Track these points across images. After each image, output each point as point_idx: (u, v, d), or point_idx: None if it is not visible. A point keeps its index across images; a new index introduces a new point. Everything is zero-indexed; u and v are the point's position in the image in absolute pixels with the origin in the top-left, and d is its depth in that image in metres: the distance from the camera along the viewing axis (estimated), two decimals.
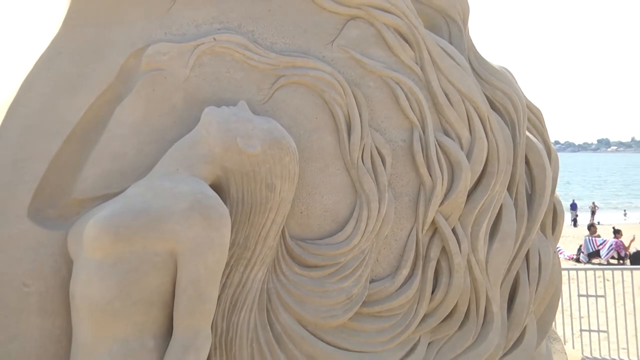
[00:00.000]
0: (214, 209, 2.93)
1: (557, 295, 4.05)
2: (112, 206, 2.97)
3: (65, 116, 3.18)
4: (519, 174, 3.88)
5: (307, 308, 3.38)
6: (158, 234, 2.86)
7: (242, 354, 3.19)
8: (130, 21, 3.32)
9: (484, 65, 3.94)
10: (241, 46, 3.39)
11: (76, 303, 2.94)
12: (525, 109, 3.95)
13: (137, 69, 3.29)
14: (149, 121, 3.25)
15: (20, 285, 3.04)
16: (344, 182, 3.53)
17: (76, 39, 3.27)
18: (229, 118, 3.18)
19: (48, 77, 3.21)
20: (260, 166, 3.16)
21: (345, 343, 3.45)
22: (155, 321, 2.90)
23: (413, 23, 3.68)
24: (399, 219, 3.63)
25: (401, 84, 3.63)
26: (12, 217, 3.05)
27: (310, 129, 3.49)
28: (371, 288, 3.54)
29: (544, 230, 4.03)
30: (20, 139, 3.12)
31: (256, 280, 3.21)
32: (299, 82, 3.47)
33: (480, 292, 3.71)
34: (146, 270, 2.85)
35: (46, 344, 3.06)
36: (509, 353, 3.79)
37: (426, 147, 3.64)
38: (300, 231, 3.45)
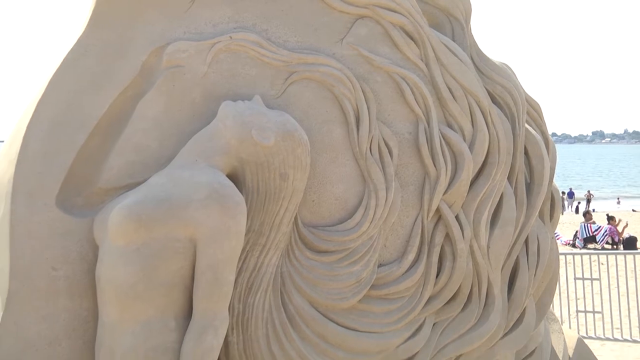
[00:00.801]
0: (230, 197, 2.94)
1: (554, 279, 4.04)
2: (135, 195, 2.99)
3: (90, 111, 3.18)
4: (519, 164, 3.87)
5: (319, 291, 3.38)
6: (178, 221, 2.87)
7: (258, 334, 3.19)
8: (151, 21, 3.32)
9: (485, 61, 3.92)
10: (255, 44, 3.38)
11: (102, 286, 2.96)
12: (524, 103, 3.94)
13: (158, 66, 3.29)
14: (169, 115, 3.25)
15: (50, 270, 3.05)
16: (353, 172, 3.52)
17: (100, 39, 3.27)
18: (245, 112, 3.18)
19: (74, 74, 3.21)
20: (274, 157, 3.15)
21: (355, 324, 3.46)
22: (176, 303, 2.92)
23: (418, 22, 3.66)
24: (405, 207, 3.62)
25: (407, 79, 3.62)
26: (42, 206, 3.06)
27: (321, 121, 3.48)
28: (379, 272, 3.54)
29: (542, 217, 4.02)
30: (49, 132, 3.12)
31: (270, 265, 3.21)
32: (310, 77, 3.46)
33: (482, 275, 3.70)
34: (167, 255, 2.87)
35: (74, 324, 3.08)
36: (509, 333, 3.78)
37: (431, 139, 3.63)
38: (312, 218, 3.44)
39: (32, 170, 3.08)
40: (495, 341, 3.74)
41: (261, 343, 3.21)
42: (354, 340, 3.43)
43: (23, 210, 3.04)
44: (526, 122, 3.97)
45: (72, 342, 3.07)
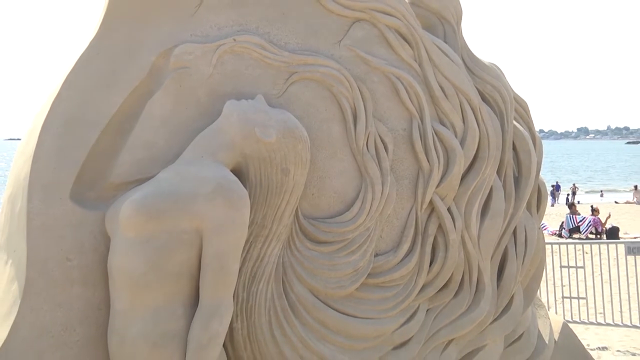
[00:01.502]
0: (234, 191, 2.93)
1: (541, 267, 4.04)
2: (145, 189, 2.98)
3: (102, 109, 3.17)
4: (507, 159, 3.86)
5: (318, 279, 3.37)
6: (185, 214, 2.87)
7: (261, 321, 3.19)
8: (159, 25, 3.30)
9: (476, 61, 3.91)
10: (258, 46, 3.36)
11: (113, 275, 2.95)
12: (512, 101, 3.93)
13: (166, 67, 3.27)
14: (176, 113, 3.24)
15: (64, 260, 3.05)
16: (351, 167, 3.51)
17: (112, 41, 3.25)
18: (248, 110, 3.17)
19: (87, 74, 3.20)
20: (275, 153, 3.14)
21: (353, 310, 3.45)
22: (183, 291, 2.91)
23: (412, 24, 3.65)
24: (400, 200, 3.61)
25: (401, 78, 3.60)
26: (57, 199, 3.05)
27: (320, 119, 3.46)
28: (375, 261, 3.53)
29: (529, 209, 4.02)
30: (63, 129, 3.11)
31: (273, 255, 3.20)
32: (310, 77, 3.45)
33: (473, 264, 3.70)
34: (175, 246, 2.86)
35: (87, 311, 3.07)
36: (499, 318, 3.78)
37: (424, 135, 3.62)
38: (312, 211, 3.43)
39: (48, 166, 3.07)
40: (485, 326, 3.74)
41: (264, 329, 3.20)
42: (353, 326, 3.43)
43: (39, 203, 3.03)
44: (514, 119, 3.96)
45: (85, 328, 3.06)
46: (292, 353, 3.27)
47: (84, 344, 3.05)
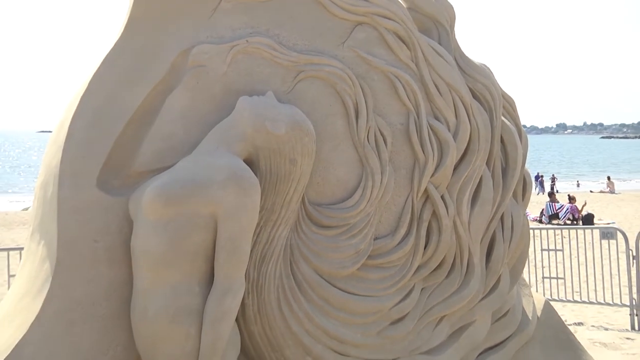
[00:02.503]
0: (246, 179, 2.92)
1: (526, 250, 4.01)
2: (164, 177, 2.97)
3: (126, 104, 3.16)
4: (496, 151, 3.82)
5: (323, 260, 3.35)
6: (201, 199, 2.86)
7: (270, 298, 3.17)
8: (178, 27, 3.28)
9: (467, 62, 3.86)
10: (269, 47, 3.34)
11: (136, 255, 2.96)
12: (500, 98, 3.89)
13: (184, 66, 3.25)
14: (194, 108, 3.22)
15: (92, 241, 3.04)
16: (353, 157, 3.48)
17: (135, 42, 3.23)
18: (259, 105, 3.15)
19: (113, 72, 3.19)
20: (284, 144, 3.12)
21: (354, 289, 3.43)
22: (199, 270, 2.91)
23: (409, 27, 3.61)
24: (397, 188, 3.58)
25: (399, 77, 3.57)
26: (85, 186, 3.05)
27: (325, 114, 3.43)
28: (375, 244, 3.50)
29: (515, 197, 3.98)
30: (91, 121, 3.11)
31: (281, 238, 3.18)
32: (315, 76, 3.42)
33: (464, 247, 3.67)
34: (192, 229, 2.86)
35: (113, 287, 3.07)
36: (487, 297, 3.76)
37: (420, 129, 3.59)
38: (317, 197, 3.40)
39: (77, 155, 3.07)
40: (474, 303, 3.71)
41: (273, 305, 3.19)
42: (354, 303, 3.41)
43: (68, 190, 3.03)
44: (502, 114, 3.92)
45: (111, 302, 3.06)
46: (298, 327, 3.25)
47: (109, 317, 3.05)
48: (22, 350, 2.89)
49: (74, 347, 2.97)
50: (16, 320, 3.06)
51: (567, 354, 4.02)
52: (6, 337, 2.99)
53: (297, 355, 3.26)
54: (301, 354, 3.27)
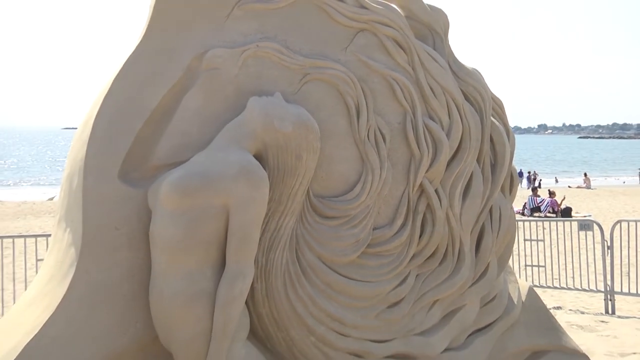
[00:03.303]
0: (256, 173, 2.92)
1: (512, 240, 3.99)
2: (181, 171, 2.96)
3: (146, 103, 3.15)
4: (485, 149, 3.79)
5: (326, 248, 3.34)
6: (214, 192, 2.86)
7: (277, 282, 3.16)
8: (193, 33, 3.26)
9: (460, 66, 3.83)
10: (277, 51, 3.31)
11: (154, 242, 2.96)
12: (490, 100, 3.87)
13: (199, 68, 3.23)
14: (207, 107, 3.20)
15: (113, 229, 3.04)
16: (354, 154, 3.45)
17: (154, 46, 3.22)
18: (268, 105, 3.13)
19: (133, 73, 3.17)
20: (291, 141, 3.10)
21: (354, 275, 3.41)
22: (212, 257, 2.91)
23: (407, 34, 3.59)
24: (395, 182, 3.55)
25: (397, 80, 3.54)
26: (107, 178, 3.04)
27: (329, 113, 3.41)
28: (374, 234, 3.48)
29: (503, 191, 3.96)
30: (113, 119, 3.10)
31: (288, 227, 3.17)
32: (320, 78, 3.39)
33: (456, 237, 3.65)
34: (205, 219, 2.85)
35: (133, 271, 3.07)
36: (476, 283, 3.74)
37: (416, 128, 3.56)
38: (321, 191, 3.38)
39: (100, 150, 3.06)
40: (465, 289, 3.69)
41: (280, 289, 3.18)
42: (354, 288, 3.39)
43: (92, 182, 3.03)
44: (492, 115, 3.89)
45: (131, 285, 3.06)
46: (303, 310, 3.25)
47: (129, 299, 3.05)
48: (49, 330, 2.89)
49: (96, 327, 2.97)
50: (43, 302, 3.06)
51: (548, 336, 4.01)
52: (34, 318, 2.99)
53: (301, 335, 3.25)
54: (305, 334, 3.26)
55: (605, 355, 5.98)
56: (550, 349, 3.95)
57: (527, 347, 3.90)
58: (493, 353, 3.75)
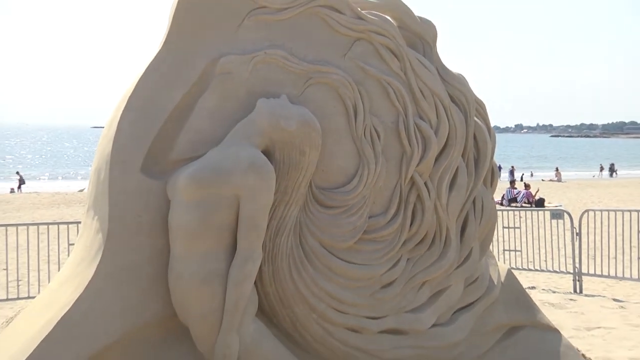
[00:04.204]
0: (264, 167, 2.91)
1: (493, 227, 3.95)
2: (196, 165, 2.95)
3: (165, 103, 3.12)
4: (469, 145, 3.76)
5: (326, 234, 3.31)
6: (226, 184, 2.84)
7: (283, 265, 3.15)
8: (208, 41, 3.22)
9: (447, 72, 3.78)
10: (283, 57, 3.28)
11: (172, 229, 2.95)
12: (474, 102, 3.82)
13: (213, 73, 3.20)
14: (221, 108, 3.18)
15: (136, 216, 3.02)
16: (352, 150, 3.42)
17: (173, 53, 3.19)
18: (275, 106, 3.11)
19: (154, 77, 3.14)
20: (295, 139, 3.08)
21: (352, 258, 3.39)
22: (224, 242, 2.90)
23: (399, 43, 3.54)
24: (388, 175, 3.52)
25: (391, 84, 3.50)
26: (131, 172, 3.02)
27: (329, 113, 3.37)
28: (369, 222, 3.45)
29: (485, 184, 3.91)
30: (136, 118, 3.07)
31: (292, 216, 3.15)
32: (322, 82, 3.36)
33: (443, 225, 3.62)
34: (218, 208, 2.85)
35: (153, 255, 3.04)
36: (461, 266, 3.71)
37: (407, 127, 3.53)
38: (322, 183, 3.35)
39: (124, 146, 3.04)
40: (450, 271, 3.67)
41: (285, 271, 3.16)
42: (351, 270, 3.37)
43: (118, 174, 3.01)
44: (475, 115, 3.85)
45: (152, 267, 3.04)
46: (305, 289, 3.23)
47: (151, 279, 3.04)
48: (80, 306, 2.89)
49: (121, 304, 2.97)
50: (75, 281, 3.06)
51: (524, 312, 3.99)
52: (67, 295, 3.00)
53: (304, 312, 3.24)
54: (307, 311, 3.25)
55: (574, 329, 5.99)
56: (525, 324, 3.94)
57: (506, 323, 3.89)
58: (475, 328, 3.74)
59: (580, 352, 4.17)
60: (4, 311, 6.73)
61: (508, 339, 3.85)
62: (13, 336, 3.19)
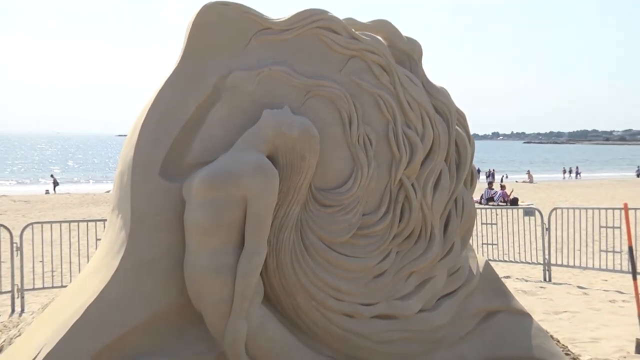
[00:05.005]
0: (269, 171, 2.89)
1: (472, 224, 3.90)
2: (209, 168, 2.93)
3: (181, 114, 3.10)
4: (451, 151, 3.71)
5: (324, 231, 3.28)
6: (235, 186, 2.82)
7: (286, 258, 3.12)
8: (219, 58, 3.20)
9: (431, 85, 3.74)
10: (286, 73, 3.25)
11: (187, 226, 2.93)
12: (455, 113, 3.78)
13: (223, 87, 3.17)
14: (230, 117, 3.15)
15: (155, 215, 3.00)
16: (347, 155, 3.39)
17: (188, 69, 3.17)
18: (278, 116, 3.08)
19: (172, 90, 3.13)
20: (297, 145, 3.06)
21: (347, 252, 3.36)
22: (233, 237, 2.88)
23: (389, 60, 3.51)
24: (379, 178, 3.48)
25: (382, 96, 3.47)
26: (151, 175, 3.01)
27: (327, 123, 3.34)
28: (363, 219, 3.42)
29: (465, 185, 3.87)
30: (156, 127, 3.05)
31: (294, 214, 3.12)
32: (320, 94, 3.33)
33: (428, 222, 3.58)
34: (228, 207, 2.83)
35: (170, 249, 3.02)
36: (444, 258, 3.66)
37: (396, 134, 3.49)
38: (320, 184, 3.31)
39: (145, 152, 3.02)
40: (435, 263, 3.62)
41: (287, 263, 3.13)
42: (347, 263, 3.34)
43: (139, 178, 2.99)
44: (456, 124, 3.81)
45: (169, 260, 3.02)
46: (306, 280, 3.20)
47: (168, 271, 3.01)
48: (106, 294, 2.89)
49: (142, 292, 2.95)
50: (101, 272, 3.05)
51: (500, 299, 3.95)
52: (95, 284, 2.99)
53: (305, 300, 3.21)
54: (308, 299, 3.22)
55: (544, 313, 6.00)
56: (501, 309, 3.90)
57: (483, 308, 3.85)
58: (457, 313, 3.70)
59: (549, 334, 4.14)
60: (40, 298, 6.74)
61: (486, 322, 3.81)
62: (48, 320, 3.19)
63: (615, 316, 5.92)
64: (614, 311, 6.14)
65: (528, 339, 3.81)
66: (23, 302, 6.57)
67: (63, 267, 7.25)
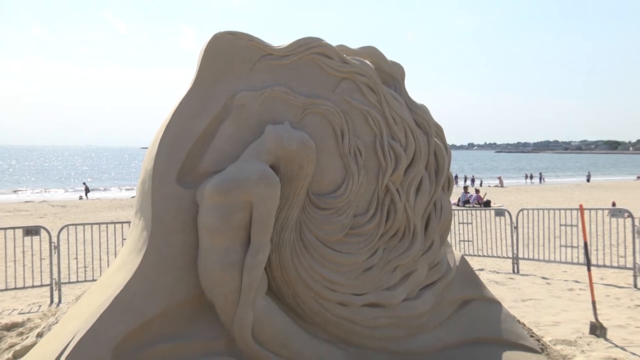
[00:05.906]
0: (271, 179, 2.87)
1: (449, 223, 3.86)
2: (219, 177, 2.91)
3: (194, 130, 3.09)
4: (431, 160, 3.71)
5: (320, 230, 3.27)
6: (242, 192, 2.81)
7: (286, 254, 3.10)
8: (227, 81, 3.20)
9: (413, 103, 3.74)
10: (286, 93, 3.25)
11: (200, 227, 2.91)
12: (434, 126, 3.77)
13: (232, 105, 3.17)
14: (237, 132, 3.14)
15: (172, 218, 2.98)
16: (340, 164, 3.38)
17: (200, 90, 3.16)
18: (280, 130, 3.08)
19: (186, 109, 3.11)
20: (295, 156, 3.05)
21: (340, 249, 3.34)
22: (240, 237, 2.86)
23: (376, 81, 3.52)
24: (368, 184, 3.47)
25: (369, 113, 3.46)
26: (168, 182, 2.99)
27: (322, 136, 3.34)
28: (354, 220, 3.40)
29: (443, 190, 3.85)
30: (172, 141, 3.04)
31: (294, 216, 3.11)
32: (316, 112, 3.33)
33: (411, 222, 3.57)
34: (236, 211, 2.81)
35: (186, 248, 3.00)
36: (425, 253, 3.64)
37: (382, 146, 3.48)
38: (316, 190, 3.30)
39: (163, 162, 3.01)
40: (417, 258, 3.61)
41: (288, 259, 3.12)
42: (340, 258, 3.32)
43: (158, 185, 2.98)
44: (435, 137, 3.80)
45: (185, 258, 2.99)
46: (304, 273, 3.19)
47: (184, 267, 3.00)
48: (131, 286, 2.87)
49: (162, 286, 2.93)
50: (126, 268, 3.03)
51: (474, 289, 3.93)
52: (120, 279, 2.97)
53: (303, 290, 3.19)
54: (306, 290, 3.20)
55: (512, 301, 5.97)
56: (475, 297, 3.88)
57: (460, 297, 3.82)
58: (437, 301, 3.68)
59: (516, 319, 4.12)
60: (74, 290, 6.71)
61: (462, 309, 3.79)
62: (80, 310, 3.17)
63: (573, 302, 5.92)
64: (571, 298, 6.13)
65: (498, 323, 3.79)
66: (60, 294, 6.56)
67: (94, 263, 7.26)
